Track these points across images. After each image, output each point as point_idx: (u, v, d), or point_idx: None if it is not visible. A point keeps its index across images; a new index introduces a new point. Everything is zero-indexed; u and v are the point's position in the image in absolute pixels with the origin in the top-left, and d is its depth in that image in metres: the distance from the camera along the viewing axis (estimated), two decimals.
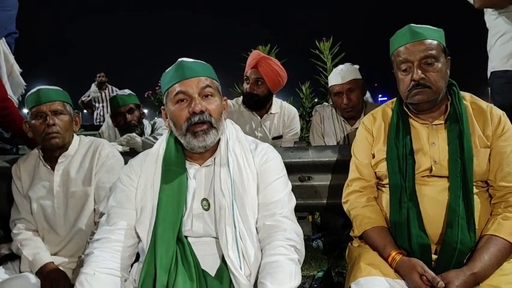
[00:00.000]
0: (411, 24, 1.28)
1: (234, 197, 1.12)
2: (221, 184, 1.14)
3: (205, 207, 1.16)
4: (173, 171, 1.17)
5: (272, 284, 0.97)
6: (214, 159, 1.19)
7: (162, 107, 1.23)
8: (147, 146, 2.00)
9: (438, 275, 1.08)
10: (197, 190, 1.18)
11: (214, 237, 1.15)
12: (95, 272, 1.05)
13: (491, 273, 1.10)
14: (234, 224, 1.09)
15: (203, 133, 1.12)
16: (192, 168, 1.20)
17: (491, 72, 1.97)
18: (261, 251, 1.11)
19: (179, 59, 1.18)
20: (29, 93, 1.53)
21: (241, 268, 1.06)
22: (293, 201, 1.20)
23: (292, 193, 1.21)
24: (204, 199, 1.17)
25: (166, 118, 1.21)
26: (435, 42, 1.24)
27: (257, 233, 1.13)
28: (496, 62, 1.94)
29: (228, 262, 1.06)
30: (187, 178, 1.18)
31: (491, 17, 1.95)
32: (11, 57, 2.03)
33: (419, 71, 1.22)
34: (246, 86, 2.28)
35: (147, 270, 1.07)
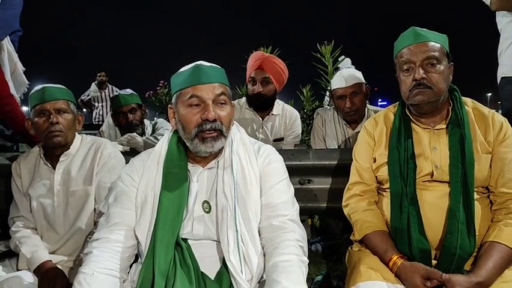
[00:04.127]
0: (415, 27, 1.29)
1: (236, 200, 1.11)
2: (224, 187, 1.13)
3: (206, 210, 1.15)
4: (174, 174, 1.16)
5: (288, 281, 0.97)
6: (218, 161, 1.18)
7: (169, 105, 1.20)
8: (148, 146, 2.00)
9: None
10: (199, 192, 1.17)
11: (214, 240, 1.14)
12: (94, 272, 1.04)
13: (494, 280, 1.10)
14: (236, 227, 1.08)
15: (212, 139, 1.11)
16: (195, 171, 1.19)
17: (502, 78, 1.91)
18: (264, 254, 1.10)
19: (197, 62, 1.16)
20: (33, 91, 1.52)
21: (242, 272, 1.04)
22: (297, 205, 1.19)
23: (294, 197, 1.20)
24: (205, 201, 1.16)
25: (173, 118, 1.18)
26: (439, 45, 1.25)
27: (260, 234, 1.12)
28: (508, 68, 1.87)
29: (229, 266, 1.05)
30: (189, 181, 1.17)
31: (504, 19, 1.88)
32: (15, 56, 2.03)
33: (421, 71, 1.23)
34: (251, 87, 2.27)
35: (145, 275, 1.06)
